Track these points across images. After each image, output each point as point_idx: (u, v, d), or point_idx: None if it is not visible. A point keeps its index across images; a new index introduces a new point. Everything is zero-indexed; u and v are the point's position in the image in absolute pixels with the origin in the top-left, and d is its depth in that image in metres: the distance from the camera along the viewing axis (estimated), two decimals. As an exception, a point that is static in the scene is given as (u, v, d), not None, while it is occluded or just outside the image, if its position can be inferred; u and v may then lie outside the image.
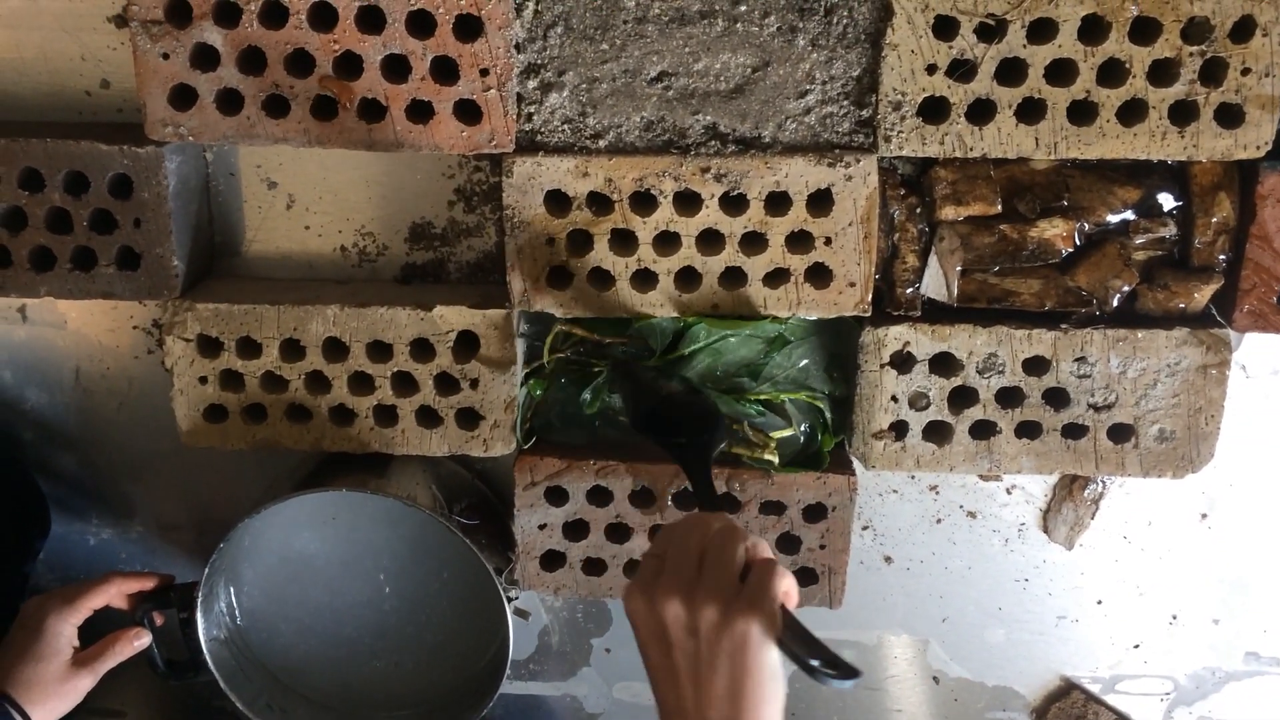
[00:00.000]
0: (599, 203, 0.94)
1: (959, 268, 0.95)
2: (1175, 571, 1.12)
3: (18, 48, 0.99)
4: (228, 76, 0.91)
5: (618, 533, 1.04)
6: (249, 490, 1.12)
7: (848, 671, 0.69)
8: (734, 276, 0.95)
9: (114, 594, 1.00)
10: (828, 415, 1.02)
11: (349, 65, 0.91)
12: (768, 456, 0.99)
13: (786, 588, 0.73)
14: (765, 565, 0.73)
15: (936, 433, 0.99)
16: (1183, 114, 0.90)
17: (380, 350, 0.99)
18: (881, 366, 0.97)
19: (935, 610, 1.15)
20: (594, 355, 1.02)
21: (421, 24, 0.90)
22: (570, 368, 1.02)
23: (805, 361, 1.01)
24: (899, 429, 0.99)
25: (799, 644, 0.71)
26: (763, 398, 1.01)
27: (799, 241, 0.94)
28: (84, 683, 0.97)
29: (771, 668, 0.71)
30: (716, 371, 1.00)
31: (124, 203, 0.95)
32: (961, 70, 0.90)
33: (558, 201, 0.94)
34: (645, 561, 0.76)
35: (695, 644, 0.71)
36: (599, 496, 1.03)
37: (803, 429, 1.03)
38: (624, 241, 0.95)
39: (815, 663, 0.69)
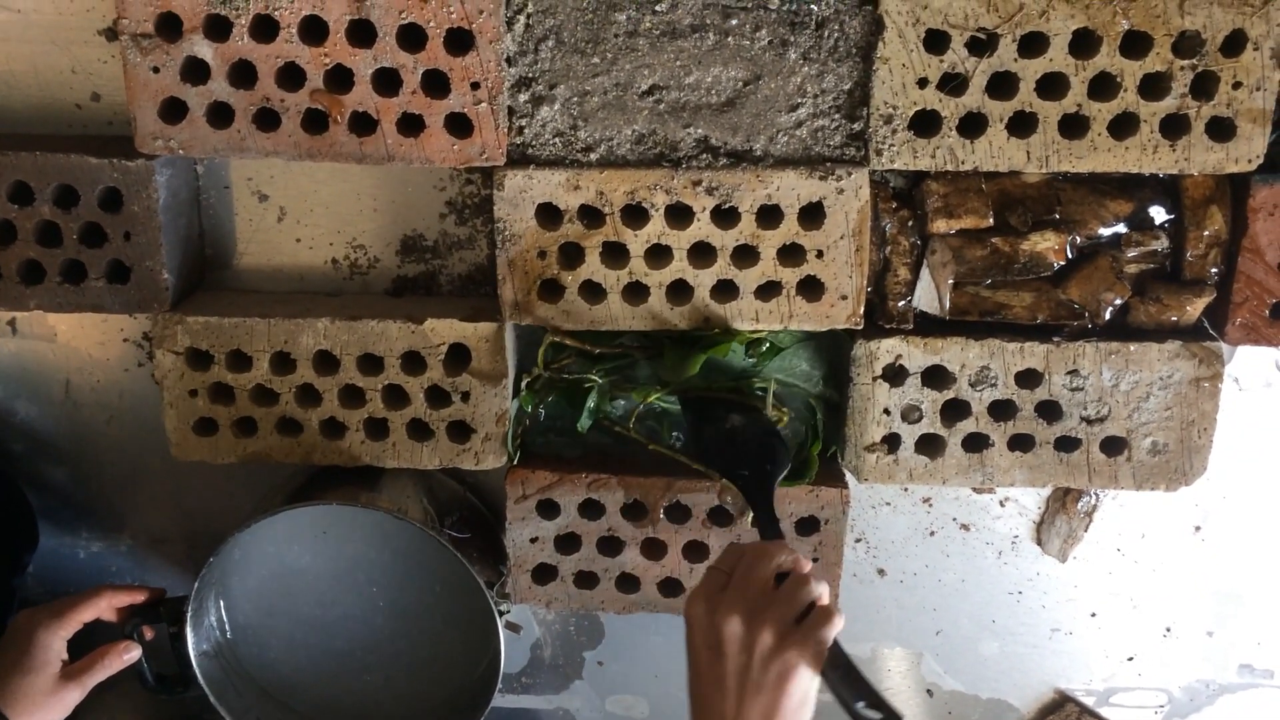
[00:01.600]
0: (590, 216, 0.94)
1: (951, 280, 0.95)
2: (1169, 584, 1.12)
3: (7, 60, 0.99)
4: (218, 90, 0.91)
5: (610, 546, 1.04)
6: (239, 504, 1.12)
7: (890, 715, 0.76)
8: (726, 290, 0.95)
9: (104, 607, 1.00)
10: (819, 416, 1.02)
11: (340, 79, 0.91)
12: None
13: (838, 628, 0.79)
14: (826, 612, 0.79)
15: (929, 445, 0.99)
16: (1174, 127, 0.90)
17: (371, 363, 0.99)
18: (874, 379, 0.97)
19: (929, 623, 1.15)
20: (585, 369, 1.01)
21: (412, 38, 0.90)
22: (560, 381, 1.02)
23: (804, 366, 1.01)
24: (891, 442, 0.99)
25: (845, 683, 0.78)
26: (758, 386, 1.00)
27: (791, 255, 0.94)
28: (72, 696, 0.97)
29: (806, 697, 0.78)
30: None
31: (114, 216, 0.95)
32: (953, 84, 0.90)
33: (549, 214, 0.94)
34: (711, 574, 0.82)
35: (747, 660, 0.77)
36: (591, 510, 1.02)
37: (790, 416, 1.03)
38: (615, 254, 0.95)
39: (860, 706, 0.76)
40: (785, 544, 0.85)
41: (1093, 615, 1.13)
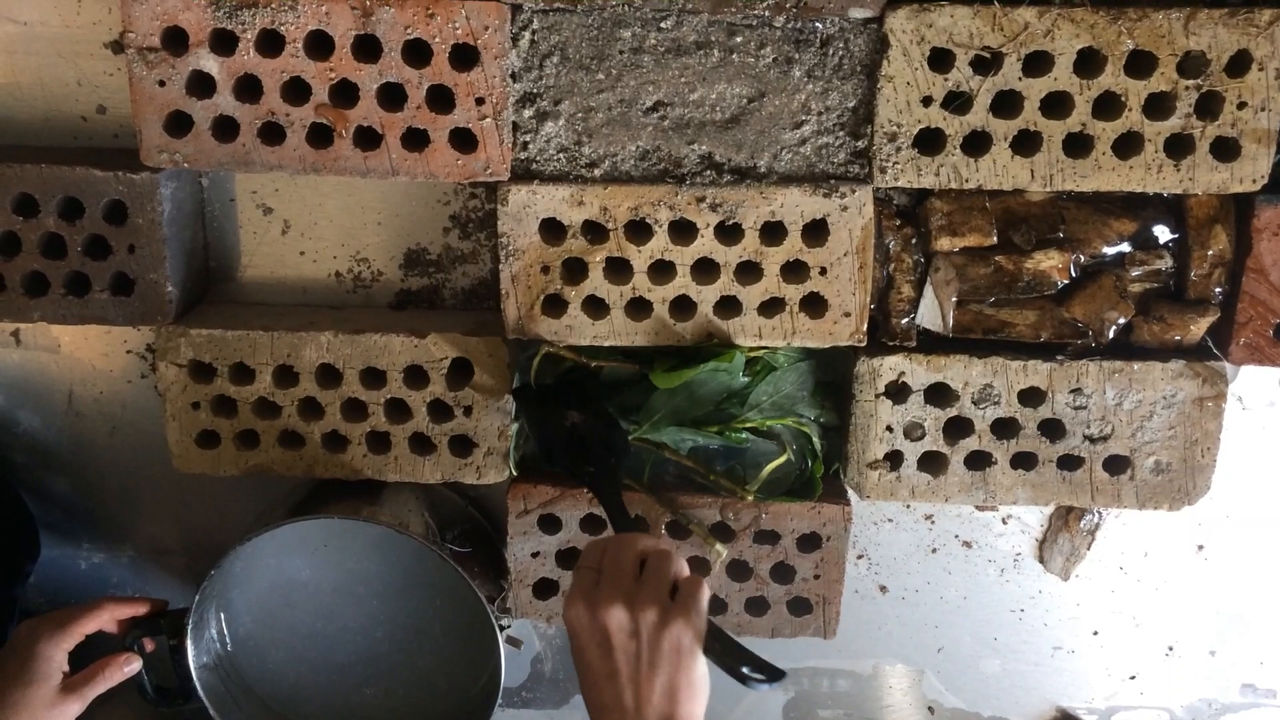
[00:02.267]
0: (594, 231, 0.94)
1: (954, 298, 0.95)
2: (1171, 603, 1.12)
3: (14, 73, 0.99)
4: (224, 104, 0.91)
5: (611, 561, 1.03)
6: (241, 516, 1.12)
7: (773, 674, 0.79)
8: (729, 306, 0.95)
9: (106, 619, 0.99)
10: (816, 442, 1.02)
11: (345, 93, 0.91)
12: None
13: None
14: (694, 580, 0.81)
15: (932, 463, 0.99)
16: (1179, 147, 0.90)
17: (374, 377, 0.99)
18: (876, 396, 0.97)
19: (930, 640, 1.14)
20: (575, 382, 1.01)
21: (418, 53, 0.90)
22: (536, 398, 1.02)
23: (790, 389, 1.01)
24: (894, 459, 0.98)
25: (727, 651, 0.80)
26: (749, 425, 1.01)
27: (794, 271, 0.94)
28: (73, 708, 0.97)
29: (701, 671, 0.79)
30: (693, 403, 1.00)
31: (118, 228, 0.95)
32: (957, 102, 0.90)
33: (553, 230, 0.94)
34: (580, 574, 0.82)
35: (636, 645, 0.78)
36: (592, 525, 1.02)
37: (791, 449, 1.02)
38: (619, 270, 0.95)
39: (745, 669, 0.79)
40: (644, 534, 0.86)
41: (1095, 633, 1.13)
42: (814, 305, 0.95)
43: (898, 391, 0.97)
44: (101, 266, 0.96)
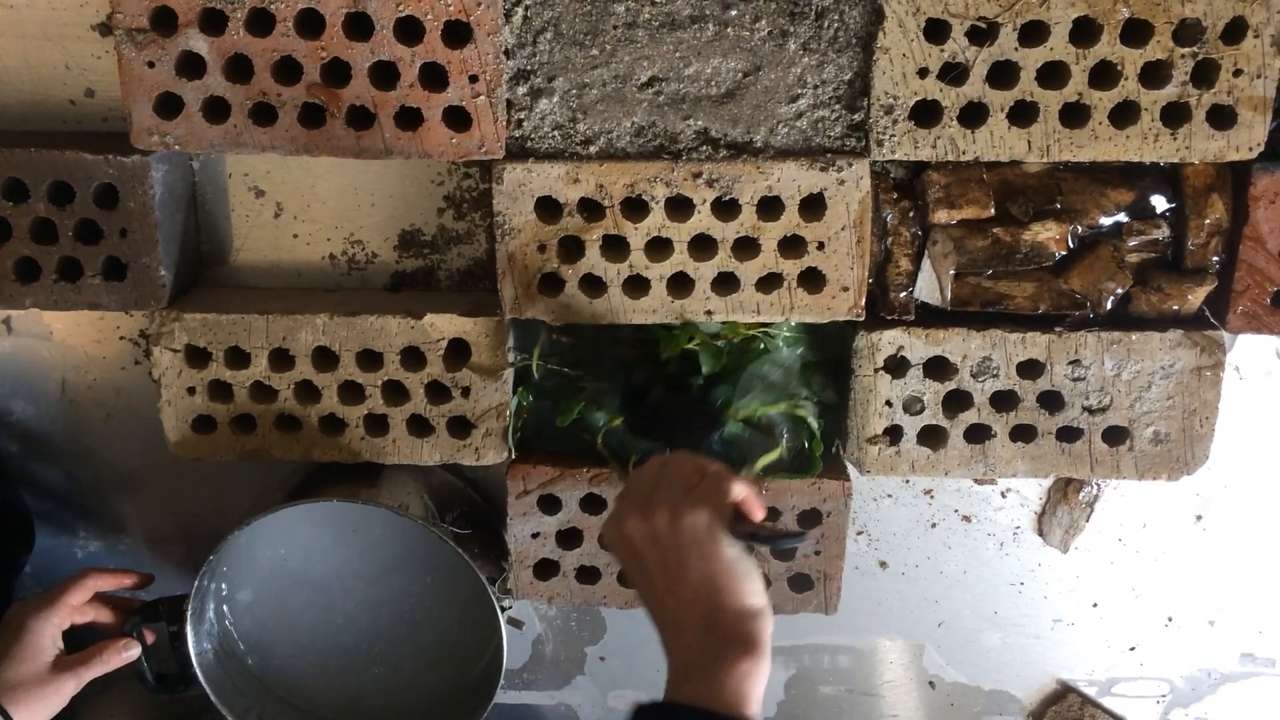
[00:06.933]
0: (590, 209, 0.94)
1: (952, 271, 0.95)
2: (1170, 573, 1.12)
3: (1, 56, 0.98)
4: (214, 84, 0.90)
5: (612, 541, 1.03)
6: (238, 501, 1.11)
7: (798, 533, 0.85)
8: (726, 282, 0.95)
9: (91, 588, 0.99)
10: (813, 423, 1.02)
11: (337, 72, 0.90)
12: None
13: (740, 492, 0.77)
14: (715, 472, 0.78)
15: (931, 437, 0.99)
16: (1175, 116, 0.90)
17: (370, 359, 0.99)
18: (875, 371, 0.97)
19: (931, 615, 1.14)
20: (580, 363, 1.01)
21: (410, 30, 0.89)
22: (550, 379, 1.01)
23: (785, 368, 1.01)
24: (893, 434, 0.98)
25: (753, 533, 0.77)
26: (743, 415, 1.00)
27: (792, 246, 0.94)
28: (68, 686, 0.96)
29: (733, 554, 0.75)
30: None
31: (110, 213, 0.94)
32: (953, 73, 0.89)
33: (548, 208, 0.94)
34: (615, 502, 0.82)
35: (659, 549, 0.76)
36: (592, 504, 1.02)
37: (784, 436, 1.02)
38: (616, 248, 0.94)
39: (775, 541, 0.77)
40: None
41: (1094, 605, 1.13)
42: (812, 280, 0.95)
43: (897, 366, 0.97)
44: (93, 251, 0.95)
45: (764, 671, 0.71)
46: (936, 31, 0.89)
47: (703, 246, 0.94)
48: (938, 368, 0.97)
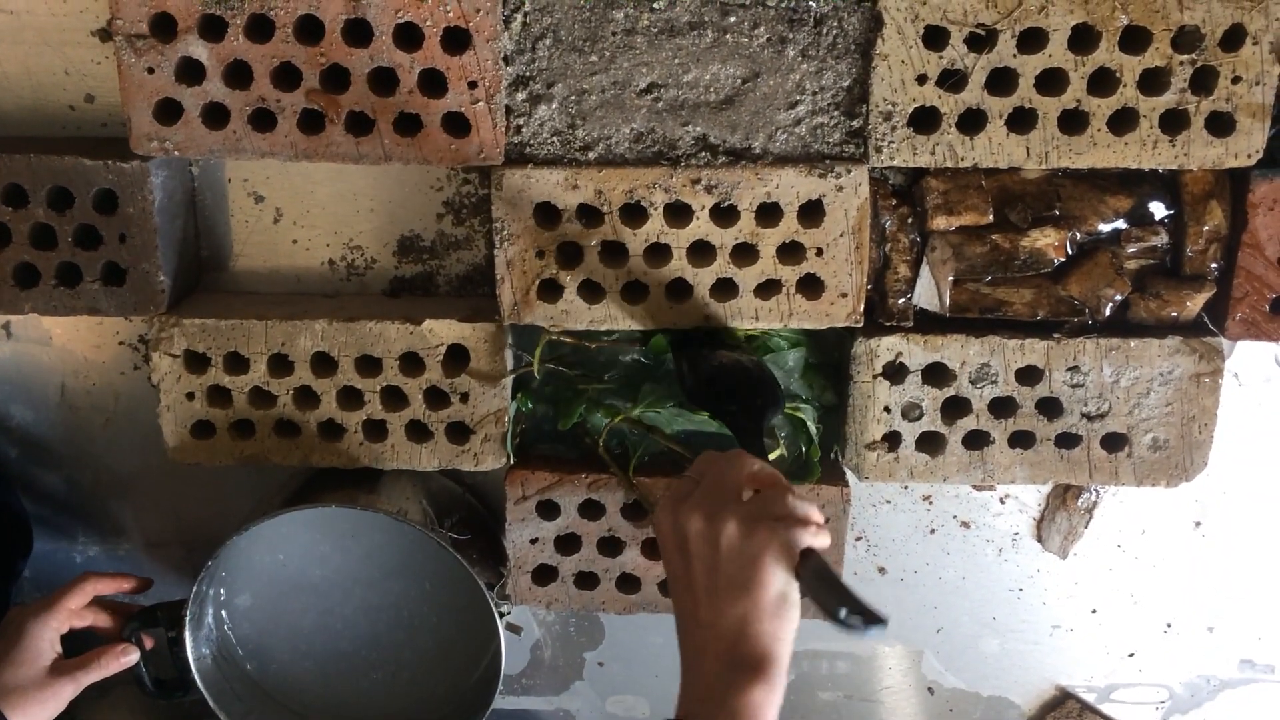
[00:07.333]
0: (589, 215, 0.94)
1: (951, 277, 0.95)
2: (1169, 580, 1.12)
3: (0, 62, 0.98)
4: (214, 90, 0.90)
5: (610, 546, 1.03)
6: (237, 507, 1.11)
7: (873, 618, 0.67)
8: (725, 288, 0.95)
9: (89, 591, 0.99)
10: (811, 426, 1.02)
11: (336, 78, 0.90)
12: None
13: (816, 540, 0.74)
14: (803, 518, 0.74)
15: (930, 443, 0.99)
16: (1174, 123, 0.90)
17: (369, 364, 0.99)
18: (874, 377, 0.97)
19: (929, 621, 1.14)
20: (581, 366, 1.01)
21: (409, 37, 0.89)
22: (549, 383, 1.01)
23: (785, 370, 1.00)
24: (892, 440, 0.98)
25: (822, 587, 0.71)
26: None
27: (790, 252, 0.94)
28: (66, 690, 0.96)
29: (783, 591, 0.73)
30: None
31: (109, 218, 0.94)
32: (952, 80, 0.89)
33: (547, 214, 0.94)
34: (681, 482, 0.79)
35: (713, 554, 0.74)
36: (591, 510, 1.02)
37: (784, 437, 1.02)
38: (614, 254, 0.95)
39: (842, 611, 0.68)
40: (765, 461, 0.81)
41: (1093, 612, 1.13)
42: (811, 286, 0.95)
43: (895, 372, 0.97)
44: (92, 256, 0.95)
45: (777, 701, 0.72)
46: (935, 38, 0.89)
47: (701, 253, 0.94)
48: (936, 374, 0.97)
